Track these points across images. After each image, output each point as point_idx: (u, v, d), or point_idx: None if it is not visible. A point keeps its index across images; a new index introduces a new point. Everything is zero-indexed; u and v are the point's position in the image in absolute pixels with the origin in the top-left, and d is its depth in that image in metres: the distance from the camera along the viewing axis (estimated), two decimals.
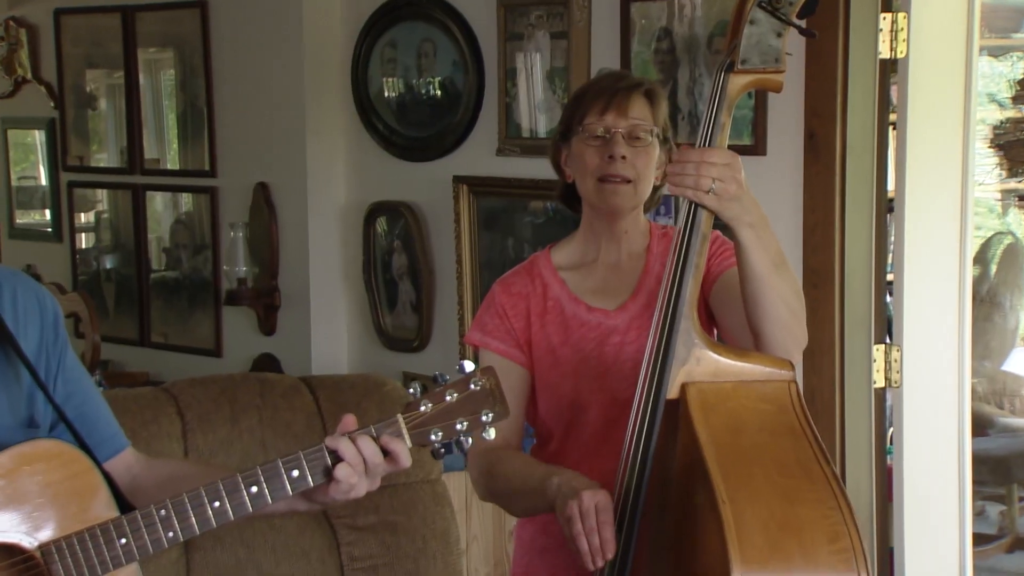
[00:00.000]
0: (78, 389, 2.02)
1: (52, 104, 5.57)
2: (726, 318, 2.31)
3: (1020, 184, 6.34)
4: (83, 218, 5.63)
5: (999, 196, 6.49)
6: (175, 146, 5.19)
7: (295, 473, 1.88)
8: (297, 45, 4.58)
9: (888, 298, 3.47)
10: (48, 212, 5.77)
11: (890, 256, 3.45)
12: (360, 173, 4.65)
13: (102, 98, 5.49)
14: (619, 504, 2.11)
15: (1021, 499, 5.33)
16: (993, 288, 5.70)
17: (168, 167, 5.25)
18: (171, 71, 5.12)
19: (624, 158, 2.34)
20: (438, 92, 4.39)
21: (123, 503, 1.93)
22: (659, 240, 2.42)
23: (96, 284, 5.48)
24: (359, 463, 1.88)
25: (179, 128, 5.12)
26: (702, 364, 2.04)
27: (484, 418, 1.92)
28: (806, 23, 2.05)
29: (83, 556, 1.85)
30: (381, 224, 4.58)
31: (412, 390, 1.93)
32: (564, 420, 2.41)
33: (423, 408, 1.91)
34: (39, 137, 5.77)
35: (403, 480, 3.08)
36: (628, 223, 2.41)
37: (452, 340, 4.37)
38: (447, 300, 4.41)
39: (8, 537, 1.84)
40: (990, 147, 6.06)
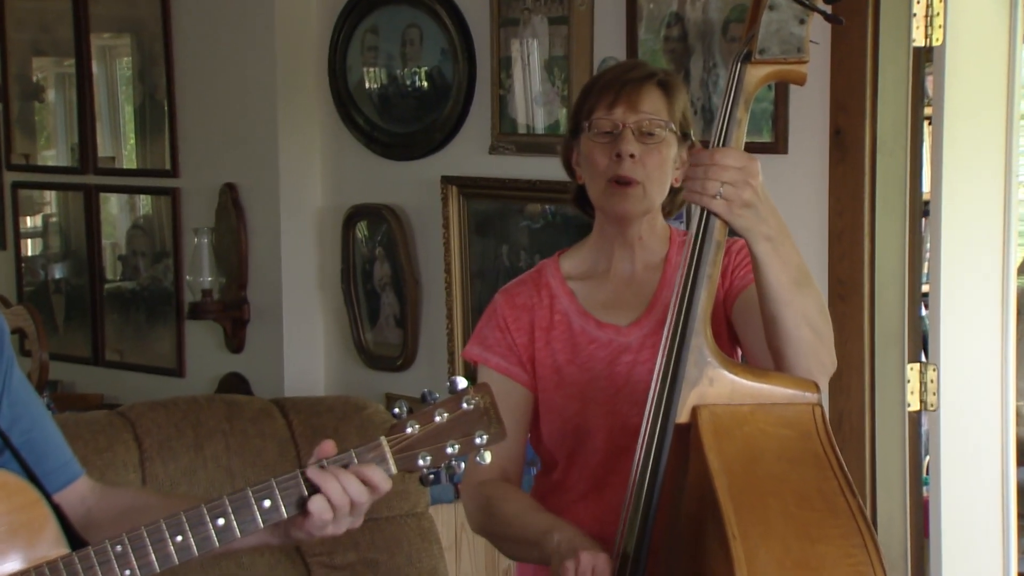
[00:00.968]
0: (26, 413, 2.01)
1: None
2: (749, 338, 2.30)
3: None
4: (29, 222, 5.63)
5: None
6: (132, 142, 5.20)
7: (267, 503, 1.87)
8: (268, 31, 4.59)
9: (923, 312, 3.48)
10: None
11: (925, 265, 3.46)
12: (338, 173, 4.66)
13: (50, 89, 5.49)
14: (623, 543, 2.12)
15: None
16: None
17: (124, 166, 5.24)
18: (128, 59, 5.13)
19: (633, 156, 2.34)
20: (424, 83, 4.40)
21: (75, 538, 1.92)
22: (680, 248, 2.41)
23: (44, 296, 5.48)
24: (344, 503, 1.88)
25: (137, 123, 5.12)
26: (716, 385, 2.04)
27: (478, 440, 1.91)
28: (832, 8, 2.05)
29: None
30: (361, 229, 4.58)
31: (397, 410, 1.91)
32: (567, 447, 2.41)
33: (409, 430, 1.90)
34: None
35: (385, 514, 3.08)
36: (642, 229, 2.41)
37: (440, 358, 4.37)
38: (434, 314, 4.41)
39: None
40: None
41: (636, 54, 3.80)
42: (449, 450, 1.91)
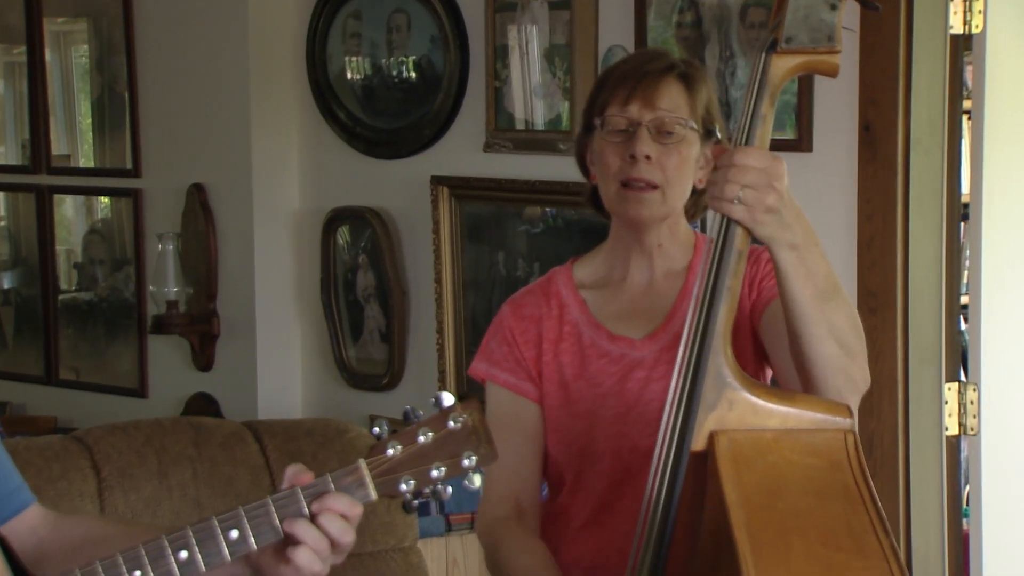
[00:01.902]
0: None
1: None
2: (778, 354, 2.30)
3: None
4: None
5: None
6: (90, 139, 5.20)
7: (234, 534, 1.86)
8: (241, 16, 4.59)
9: (962, 326, 3.48)
10: None
11: (964, 274, 3.46)
12: (317, 173, 4.66)
13: None
14: None
15: None
16: None
17: (81, 165, 5.25)
18: (85, 46, 5.13)
19: (649, 158, 2.34)
20: (412, 74, 4.40)
21: (23, 574, 1.92)
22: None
23: None
24: (324, 546, 1.87)
25: (95, 117, 5.12)
26: (736, 409, 2.03)
27: (466, 462, 1.90)
28: None
29: None
30: (343, 235, 4.58)
31: (377, 429, 1.90)
32: (573, 470, 2.42)
33: (391, 451, 1.89)
34: None
35: (370, 548, 3.08)
36: (662, 235, 2.41)
37: (430, 376, 4.37)
38: (423, 328, 4.41)
39: None
40: None
41: (645, 42, 3.80)
42: (434, 473, 1.89)
